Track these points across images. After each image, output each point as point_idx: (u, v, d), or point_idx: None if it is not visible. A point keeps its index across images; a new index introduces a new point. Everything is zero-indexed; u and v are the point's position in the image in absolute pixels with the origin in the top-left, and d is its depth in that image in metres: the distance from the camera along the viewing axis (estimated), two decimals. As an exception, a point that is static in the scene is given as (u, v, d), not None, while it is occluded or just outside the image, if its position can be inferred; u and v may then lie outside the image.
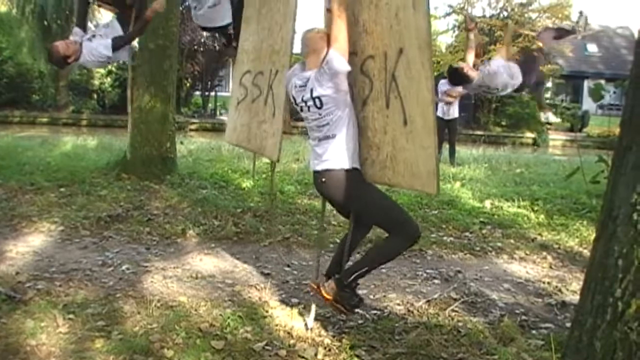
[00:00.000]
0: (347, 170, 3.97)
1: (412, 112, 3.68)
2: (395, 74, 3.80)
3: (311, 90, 3.91)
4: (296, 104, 4.09)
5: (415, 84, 3.63)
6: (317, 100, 3.91)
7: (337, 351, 3.94)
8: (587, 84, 36.34)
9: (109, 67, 26.63)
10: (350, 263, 4.35)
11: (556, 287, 5.45)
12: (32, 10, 26.60)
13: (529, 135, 28.40)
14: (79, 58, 5.72)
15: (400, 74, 3.76)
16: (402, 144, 3.79)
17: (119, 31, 5.90)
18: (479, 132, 25.18)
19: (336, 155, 3.97)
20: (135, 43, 6.43)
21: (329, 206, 4.64)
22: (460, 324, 4.45)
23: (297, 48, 4.86)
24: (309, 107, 3.97)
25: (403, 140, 3.78)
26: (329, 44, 3.90)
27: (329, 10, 4.19)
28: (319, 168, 4.04)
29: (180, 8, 13.30)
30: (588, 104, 33.90)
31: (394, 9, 3.76)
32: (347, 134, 3.97)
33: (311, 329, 4.24)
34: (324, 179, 4.04)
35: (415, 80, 3.63)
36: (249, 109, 5.54)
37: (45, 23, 26.33)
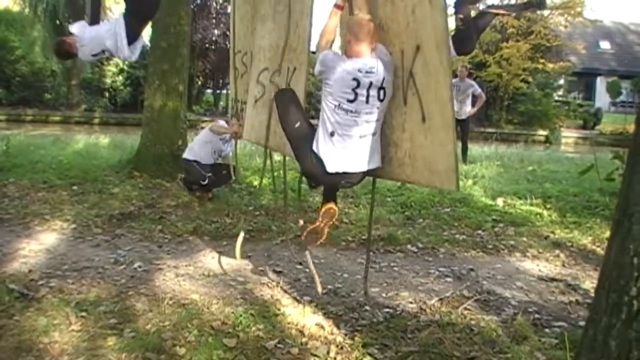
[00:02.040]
0: None
1: (431, 109, 3.67)
2: (412, 71, 3.79)
3: (383, 80, 3.87)
4: (353, 91, 3.84)
5: (433, 81, 3.62)
6: (381, 91, 3.87)
7: (349, 349, 3.93)
8: (599, 81, 36.12)
9: (121, 65, 26.73)
10: None
11: (569, 285, 5.42)
12: (44, 9, 26.71)
13: (542, 132, 28.24)
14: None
15: (417, 71, 3.74)
16: (421, 141, 3.78)
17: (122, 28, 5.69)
18: (491, 130, 25.03)
19: (376, 153, 4.06)
20: (146, 41, 6.31)
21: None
22: (473, 322, 4.43)
23: (313, 46, 4.85)
24: (367, 98, 3.85)
25: (421, 137, 3.77)
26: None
27: (337, 7, 4.17)
28: (361, 169, 4.06)
29: (192, 6, 13.29)
30: (601, 101, 33.69)
31: (410, 6, 3.74)
32: (380, 131, 4.03)
33: (323, 327, 4.23)
34: (353, 178, 4.10)
35: (433, 77, 3.62)
36: (267, 107, 5.53)
37: (58, 22, 26.44)
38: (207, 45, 26.46)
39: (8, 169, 8.92)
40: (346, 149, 3.96)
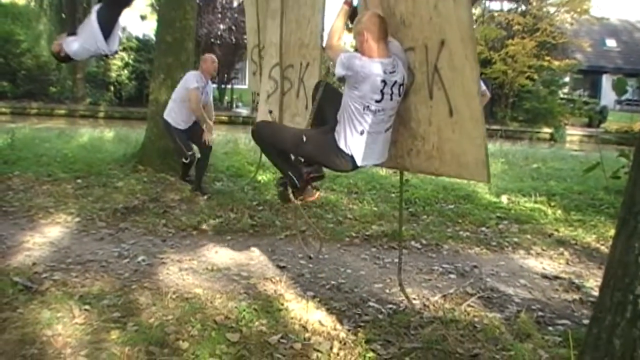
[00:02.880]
0: None
1: (458, 103, 3.67)
2: (437, 65, 3.78)
3: (403, 77, 3.92)
4: (381, 92, 3.85)
5: (460, 76, 3.61)
6: (401, 88, 3.93)
7: (352, 345, 3.93)
8: (605, 79, 36.03)
9: (126, 59, 26.74)
10: None
11: (573, 283, 5.41)
12: (50, 2, 26.78)
13: (546, 130, 28.21)
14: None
15: (443, 65, 3.74)
16: (448, 134, 3.78)
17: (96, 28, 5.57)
18: (495, 127, 25.00)
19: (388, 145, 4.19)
20: (119, 33, 6.33)
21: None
22: (476, 319, 4.43)
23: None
24: (391, 95, 3.90)
25: (449, 131, 3.77)
26: None
27: (346, 3, 4.17)
28: (381, 161, 4.20)
29: (198, 1, 13.29)
30: (606, 99, 33.62)
31: (432, 2, 3.73)
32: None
33: (326, 323, 4.23)
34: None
35: (459, 72, 3.61)
36: (279, 103, 5.53)
37: (63, 15, 26.45)
38: (212, 40, 26.42)
39: (13, 161, 8.94)
40: (376, 144, 4.05)
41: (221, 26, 26.76)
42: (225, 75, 28.56)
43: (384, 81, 3.83)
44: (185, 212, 6.97)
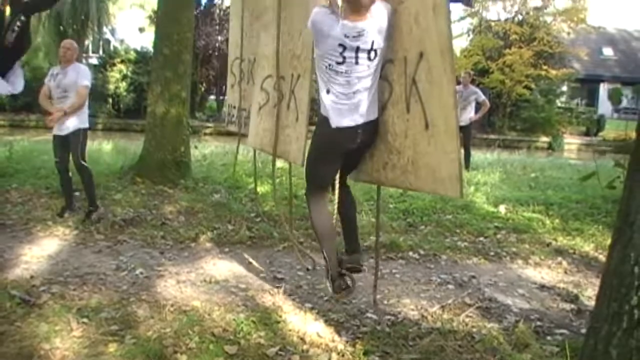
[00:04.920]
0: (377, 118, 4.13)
1: (434, 116, 3.68)
2: (415, 78, 3.80)
3: (372, 43, 3.89)
4: (340, 54, 3.88)
5: (437, 89, 3.63)
6: (372, 52, 3.91)
7: (350, 357, 3.93)
8: (602, 88, 36.13)
9: (124, 71, 26.80)
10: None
11: (571, 292, 5.41)
12: (48, 15, 26.88)
13: (544, 139, 28.28)
14: None
15: (421, 78, 3.75)
16: (424, 148, 3.78)
17: None
18: (493, 136, 25.08)
19: (373, 105, 4.06)
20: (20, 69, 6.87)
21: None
22: (474, 329, 4.43)
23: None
24: (356, 59, 3.89)
25: (425, 144, 3.77)
26: None
27: None
28: (361, 121, 4.05)
29: (195, 13, 13.33)
30: (604, 107, 33.69)
31: (413, 13, 3.75)
32: (376, 84, 4.06)
33: (324, 335, 4.23)
34: (360, 131, 4.07)
35: (436, 85, 3.63)
36: (271, 114, 5.54)
37: (61, 28, 26.56)
38: (210, 52, 26.52)
39: (11, 174, 8.93)
40: (343, 104, 4.01)
41: (219, 38, 26.86)
42: (223, 87, 28.59)
43: (342, 45, 3.85)
44: (183, 224, 6.97)
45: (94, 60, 31.68)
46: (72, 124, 6.96)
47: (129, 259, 5.79)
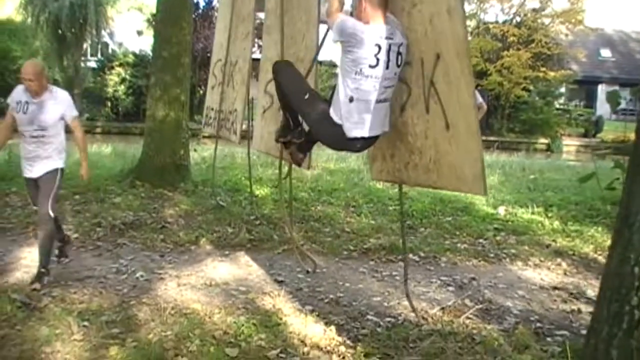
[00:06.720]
0: None
1: (454, 117, 3.70)
2: (433, 80, 3.83)
3: (400, 45, 3.91)
4: (374, 56, 3.82)
5: (455, 90, 3.65)
6: (399, 57, 3.91)
7: (351, 359, 3.93)
8: (601, 89, 36.15)
9: (123, 74, 26.81)
10: None
11: (571, 294, 5.42)
12: (46, 19, 26.87)
13: (543, 141, 28.30)
14: None
15: (438, 80, 3.78)
16: (445, 148, 3.81)
17: None
18: (492, 138, 25.06)
19: (387, 118, 4.14)
20: None
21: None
22: (474, 331, 4.43)
23: (321, 56, 4.89)
24: (387, 63, 3.86)
25: (446, 145, 3.80)
26: None
27: None
28: (373, 134, 4.10)
29: (194, 16, 13.34)
30: (602, 109, 33.72)
31: (427, 16, 3.77)
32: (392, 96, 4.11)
33: (325, 337, 4.23)
34: (368, 141, 4.16)
35: (454, 86, 3.65)
36: (276, 117, 5.55)
37: (60, 32, 26.55)
38: (209, 55, 26.47)
39: (10, 178, 8.92)
40: (365, 114, 3.98)
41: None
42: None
43: (378, 45, 3.81)
44: (183, 227, 6.97)
45: (92, 64, 31.68)
46: (49, 164, 5.41)
47: (129, 262, 5.79)
